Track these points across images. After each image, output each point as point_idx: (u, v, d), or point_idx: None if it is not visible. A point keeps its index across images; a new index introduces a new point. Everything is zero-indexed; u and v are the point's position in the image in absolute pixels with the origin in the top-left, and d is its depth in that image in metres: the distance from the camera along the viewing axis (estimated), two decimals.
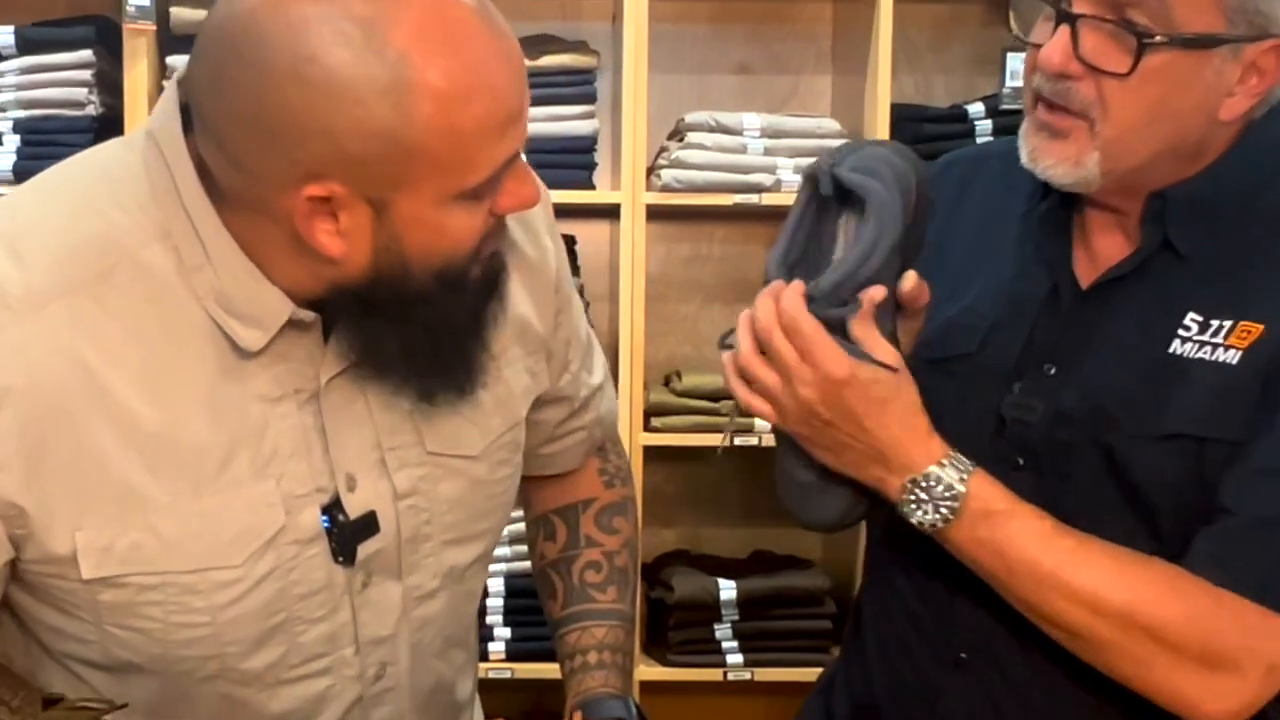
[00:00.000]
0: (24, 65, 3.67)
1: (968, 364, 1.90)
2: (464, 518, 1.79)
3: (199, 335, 1.55)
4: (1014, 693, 1.84)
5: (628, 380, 3.71)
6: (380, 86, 1.39)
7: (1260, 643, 1.64)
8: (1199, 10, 1.63)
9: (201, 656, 1.63)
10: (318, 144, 1.41)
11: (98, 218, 1.54)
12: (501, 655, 3.75)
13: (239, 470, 1.58)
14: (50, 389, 1.49)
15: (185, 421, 1.55)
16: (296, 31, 1.38)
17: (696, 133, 3.75)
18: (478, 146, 1.46)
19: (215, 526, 1.57)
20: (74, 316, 1.49)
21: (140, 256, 1.52)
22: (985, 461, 1.77)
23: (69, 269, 1.51)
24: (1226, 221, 1.79)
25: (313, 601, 1.66)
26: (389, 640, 1.75)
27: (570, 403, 2.01)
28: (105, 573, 1.54)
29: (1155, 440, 1.72)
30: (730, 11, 4.13)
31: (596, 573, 2.03)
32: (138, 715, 1.69)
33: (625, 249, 3.69)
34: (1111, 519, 1.74)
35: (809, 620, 3.82)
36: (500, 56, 1.48)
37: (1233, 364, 1.69)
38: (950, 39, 4.15)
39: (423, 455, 1.72)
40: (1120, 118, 1.69)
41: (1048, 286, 1.87)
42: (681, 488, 4.13)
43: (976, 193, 2.04)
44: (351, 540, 1.66)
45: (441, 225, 1.51)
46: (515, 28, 3.70)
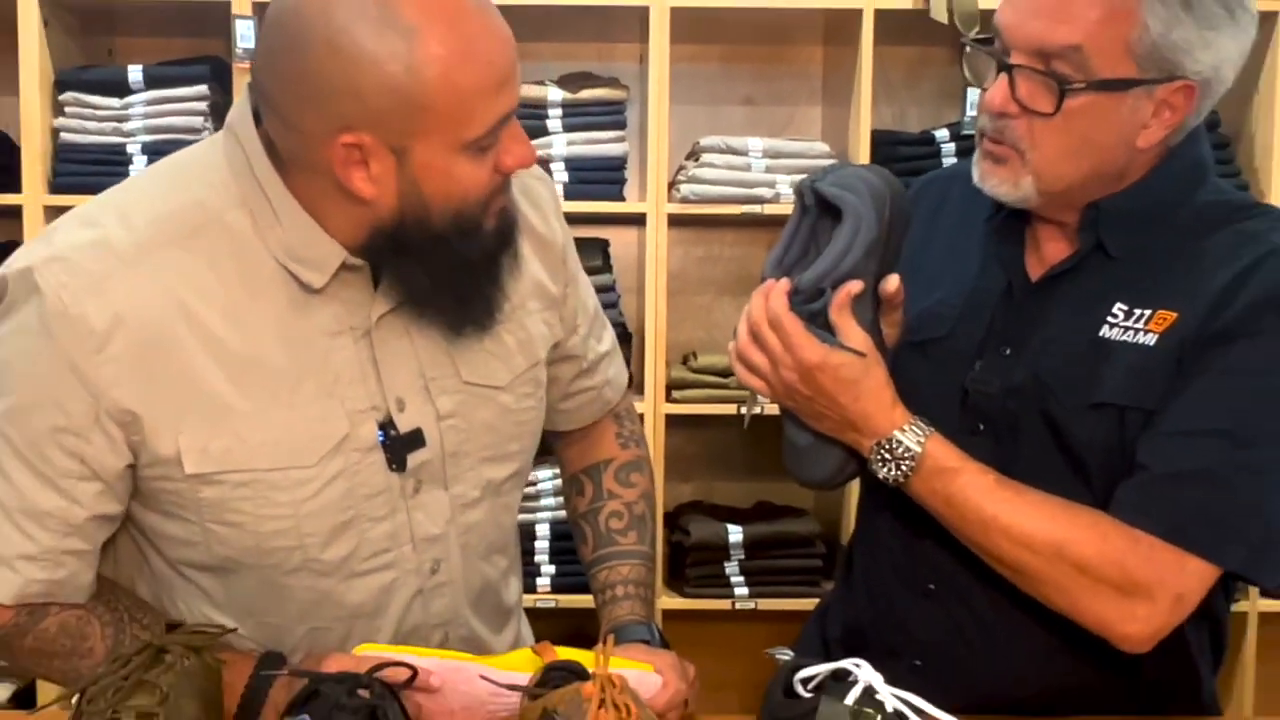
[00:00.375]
0: (150, 98, 3.64)
1: (940, 346, 1.95)
2: (497, 439, 1.88)
3: (272, 280, 1.68)
4: (973, 617, 1.90)
5: (652, 359, 3.69)
6: (395, 53, 1.51)
7: (1170, 576, 1.69)
8: (1113, 59, 1.70)
9: (287, 548, 1.73)
10: (347, 101, 1.53)
11: (188, 192, 1.69)
12: (548, 588, 3.75)
13: (308, 390, 1.70)
14: (153, 319, 1.61)
15: (263, 348, 1.68)
16: (328, 12, 1.52)
17: (709, 154, 3.71)
18: (475, 102, 1.58)
19: (290, 434, 1.69)
20: (171, 264, 1.63)
21: (224, 219, 1.66)
22: (952, 427, 1.85)
23: (166, 229, 1.65)
24: (1149, 228, 1.84)
25: (375, 501, 1.76)
26: (440, 539, 1.84)
27: (579, 361, 2.08)
28: (203, 469, 1.66)
29: (1086, 409, 1.79)
30: (737, 54, 4.11)
31: (619, 520, 2.09)
32: (241, 614, 1.80)
33: (650, 251, 3.66)
34: (1052, 474, 1.80)
35: (803, 559, 3.80)
36: (489, 31, 1.60)
37: (1150, 346, 1.76)
38: (920, 77, 4.12)
39: (459, 384, 1.82)
40: (1046, 149, 1.77)
41: (1004, 283, 1.93)
42: (697, 449, 4.10)
43: (949, 206, 2.08)
44: (402, 451, 1.76)
45: (452, 172, 1.61)
46: (561, 67, 3.65)
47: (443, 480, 1.83)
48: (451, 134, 1.58)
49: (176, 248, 1.64)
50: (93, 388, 1.60)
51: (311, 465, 1.71)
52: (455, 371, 1.82)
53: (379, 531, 1.78)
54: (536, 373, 1.94)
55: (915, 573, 1.95)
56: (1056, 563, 1.72)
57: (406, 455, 1.77)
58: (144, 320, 1.61)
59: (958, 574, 1.87)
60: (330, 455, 1.71)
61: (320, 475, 1.72)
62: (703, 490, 4.17)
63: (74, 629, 1.74)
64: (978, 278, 1.96)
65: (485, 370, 1.85)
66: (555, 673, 1.68)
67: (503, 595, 2.06)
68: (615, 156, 3.71)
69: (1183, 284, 1.79)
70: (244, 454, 1.67)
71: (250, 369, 1.67)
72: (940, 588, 1.92)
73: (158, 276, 1.63)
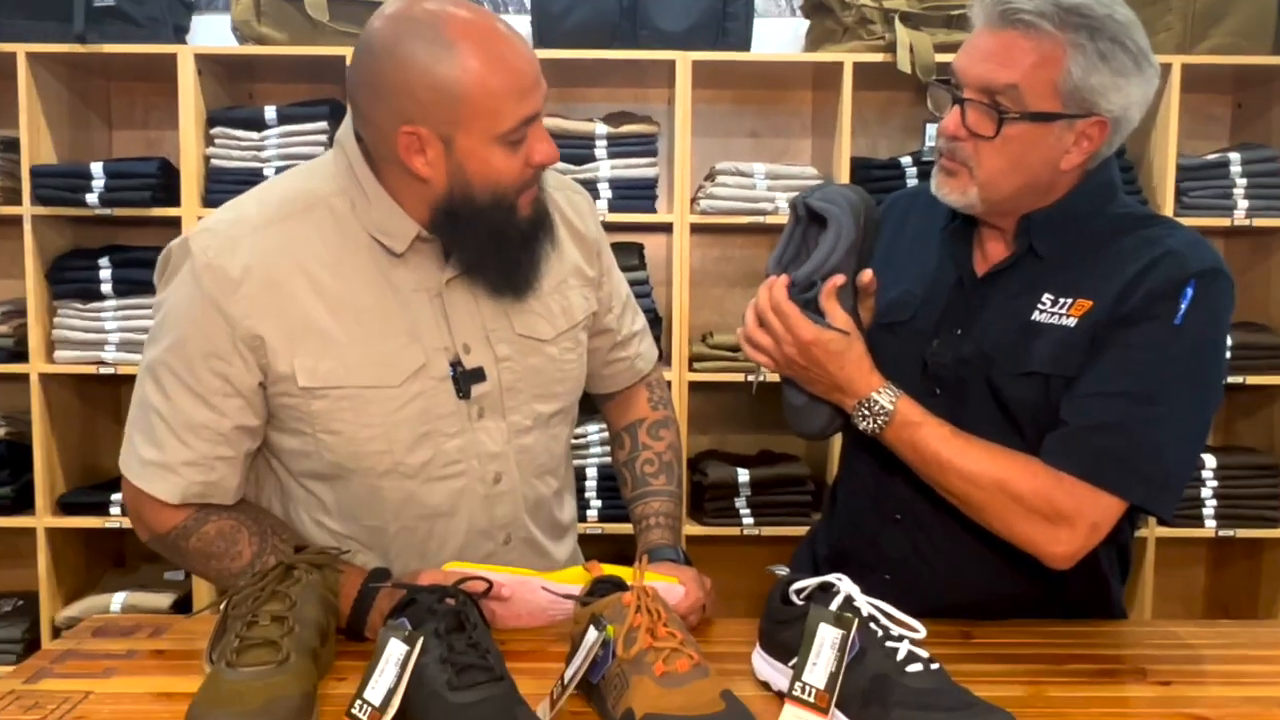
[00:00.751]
0: (281, 132, 3.64)
1: (905, 327, 1.98)
2: (543, 381, 1.96)
3: (365, 248, 1.81)
4: (930, 541, 1.95)
5: (678, 338, 3.68)
6: (439, 60, 1.65)
7: (1087, 507, 1.74)
8: (1043, 97, 1.75)
9: (379, 452, 1.83)
10: (406, 98, 1.67)
11: (305, 184, 1.85)
12: (596, 518, 3.74)
13: (393, 329, 1.81)
14: (274, 270, 1.76)
15: (358, 296, 1.80)
16: (394, 32, 1.67)
17: (723, 176, 3.69)
18: (504, 102, 1.68)
19: (380, 360, 1.80)
20: (288, 231, 1.79)
21: (329, 203, 1.81)
22: (915, 390, 1.88)
23: (286, 207, 1.81)
24: (1070, 234, 1.89)
25: (447, 420, 1.86)
26: (500, 456, 1.92)
27: (614, 335, 2.16)
28: (313, 384, 1.78)
29: (1019, 376, 1.85)
30: (745, 97, 4.07)
31: (651, 466, 2.17)
32: (347, 518, 1.91)
33: (676, 252, 3.65)
34: (993, 427, 1.85)
35: (796, 495, 3.79)
36: (515, 50, 1.70)
37: (1071, 327, 1.82)
38: (889, 115, 4.09)
39: (513, 336, 1.91)
40: (988, 166, 1.81)
41: (955, 277, 1.96)
42: (713, 408, 4.08)
43: (912, 217, 2.10)
44: (467, 382, 1.86)
45: (488, 160, 1.72)
46: (605, 107, 3.66)
47: (501, 410, 1.91)
48: (486, 127, 1.69)
49: (293, 220, 1.79)
50: (231, 320, 1.74)
51: (396, 385, 1.81)
52: (510, 326, 1.90)
53: (451, 445, 1.87)
54: (576, 333, 2.02)
55: (885, 505, 1.98)
56: (997, 495, 1.77)
57: (470, 386, 1.86)
58: (267, 270, 1.76)
59: (919, 506, 1.91)
60: (411, 379, 1.82)
61: (403, 394, 1.82)
62: (717, 441, 4.16)
63: (229, 534, 1.83)
64: (935, 272, 1.98)
65: (534, 327, 1.93)
66: (602, 585, 1.70)
67: (556, 512, 2.11)
68: (648, 178, 3.69)
69: (1097, 278, 1.83)
70: (344, 373, 1.79)
71: (348, 311, 1.79)
72: (905, 517, 1.96)
73: (278, 239, 1.78)
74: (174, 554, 1.89)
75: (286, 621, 1.52)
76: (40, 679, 1.66)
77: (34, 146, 3.54)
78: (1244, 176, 3.65)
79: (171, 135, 3.75)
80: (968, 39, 1.83)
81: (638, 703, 1.41)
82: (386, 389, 1.81)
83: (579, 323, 2.02)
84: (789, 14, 4.04)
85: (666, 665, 1.45)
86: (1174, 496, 1.79)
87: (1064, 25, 1.72)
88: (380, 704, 1.41)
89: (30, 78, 3.50)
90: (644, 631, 1.49)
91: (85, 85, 3.85)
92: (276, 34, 3.52)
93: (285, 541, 1.83)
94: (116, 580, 3.85)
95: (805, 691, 1.46)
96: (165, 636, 1.86)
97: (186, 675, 1.65)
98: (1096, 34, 1.74)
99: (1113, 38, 1.75)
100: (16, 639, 3.71)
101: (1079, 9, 1.73)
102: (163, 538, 1.87)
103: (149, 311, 3.54)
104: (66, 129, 3.72)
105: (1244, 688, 1.69)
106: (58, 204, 3.54)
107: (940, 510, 1.88)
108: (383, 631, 1.47)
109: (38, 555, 3.63)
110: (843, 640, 1.47)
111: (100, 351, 3.61)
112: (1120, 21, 1.76)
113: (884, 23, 3.55)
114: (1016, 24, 1.74)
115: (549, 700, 1.49)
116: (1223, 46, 3.58)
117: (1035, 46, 1.73)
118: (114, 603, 3.65)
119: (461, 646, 1.48)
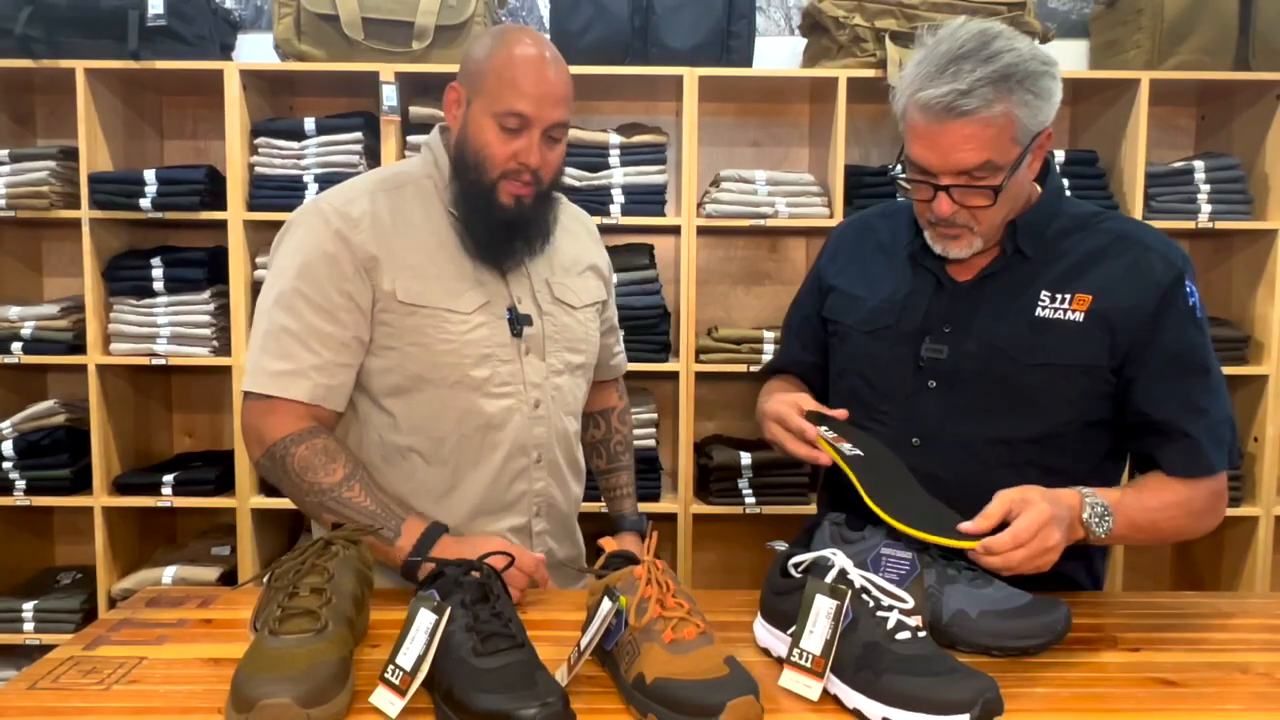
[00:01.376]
0: (320, 142, 3.63)
1: (890, 331, 2.02)
2: (573, 338, 2.20)
3: (445, 217, 2.10)
4: (946, 463, 1.93)
5: (686, 331, 3.66)
6: (486, 47, 2.01)
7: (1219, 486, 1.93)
8: (1010, 149, 1.79)
9: (451, 364, 2.03)
10: (463, 67, 2.05)
11: (401, 168, 2.17)
12: None
13: (467, 275, 2.07)
14: (380, 219, 2.04)
15: (441, 249, 2.07)
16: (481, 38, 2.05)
17: (727, 182, 3.66)
18: (509, 91, 1.96)
19: (456, 292, 2.05)
20: (389, 196, 2.08)
21: (418, 181, 2.12)
22: (909, 386, 1.96)
23: (385, 181, 2.11)
24: (1044, 234, 1.94)
25: (503, 349, 2.07)
26: (540, 386, 2.12)
27: (612, 332, 2.46)
28: (410, 300, 2.01)
29: (1034, 367, 1.88)
30: (747, 109, 4.06)
31: (621, 446, 2.54)
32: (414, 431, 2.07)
33: (684, 253, 3.62)
34: (995, 411, 1.91)
35: (794, 478, 3.74)
36: (543, 67, 1.98)
37: (1079, 320, 1.87)
38: (881, 126, 4.07)
39: (553, 299, 2.17)
40: (988, 221, 1.86)
41: (932, 282, 1.99)
42: (718, 396, 4.07)
43: (884, 233, 2.14)
44: (519, 324, 2.09)
45: (482, 129, 1.99)
46: (618, 119, 3.69)
47: (542, 351, 2.13)
48: (489, 101, 1.97)
49: (393, 190, 2.09)
50: (353, 247, 1.99)
51: (469, 312, 2.04)
52: (550, 291, 2.17)
53: (505, 369, 2.07)
54: (596, 307, 2.30)
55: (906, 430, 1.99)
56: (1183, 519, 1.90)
57: (522, 327, 2.09)
58: (376, 218, 2.03)
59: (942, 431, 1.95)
60: (478, 311, 2.05)
61: (473, 320, 2.04)
62: (722, 426, 4.14)
63: (330, 451, 1.97)
64: (910, 282, 2.01)
65: (567, 296, 2.20)
66: (615, 559, 1.70)
67: (575, 450, 2.27)
68: (658, 184, 3.67)
69: (1088, 273, 1.89)
70: (431, 296, 2.02)
71: (433, 255, 2.05)
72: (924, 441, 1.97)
73: (383, 200, 2.06)
74: (278, 468, 1.98)
75: (325, 593, 1.53)
76: (98, 645, 1.67)
77: (92, 155, 3.54)
78: (1207, 183, 3.65)
79: (218, 145, 3.76)
80: (915, 127, 1.81)
81: (648, 668, 1.42)
82: (461, 314, 2.03)
83: (595, 303, 2.29)
84: (788, 33, 4.03)
85: (675, 633, 1.46)
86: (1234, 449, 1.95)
87: (1002, 91, 1.74)
88: (411, 669, 1.42)
89: (88, 92, 3.50)
90: (654, 602, 1.50)
91: (139, 99, 3.85)
92: (315, 51, 3.52)
93: (368, 479, 1.97)
94: (167, 555, 3.85)
95: (803, 657, 1.47)
96: (213, 607, 1.87)
97: (233, 643, 1.66)
98: (1027, 79, 1.76)
99: (1035, 73, 1.77)
100: (75, 609, 3.72)
101: (1006, 69, 1.74)
102: (273, 448, 1.97)
103: (198, 307, 3.59)
104: (121, 139, 3.72)
105: (1207, 653, 1.69)
106: (113, 208, 3.54)
107: (957, 439, 1.93)
108: (413, 602, 1.49)
109: (95, 532, 3.64)
110: (837, 610, 1.48)
111: (152, 344, 3.60)
112: (1035, 55, 1.78)
113: (875, 41, 3.53)
114: (964, 115, 1.74)
115: (567, 665, 1.50)
116: (1188, 63, 3.57)
117: (989, 122, 1.75)
118: (165, 576, 3.65)
119: (486, 616, 1.49)
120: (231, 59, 3.81)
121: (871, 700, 1.41)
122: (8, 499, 3.68)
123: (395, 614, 1.65)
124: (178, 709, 1.45)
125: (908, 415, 1.98)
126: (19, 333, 3.64)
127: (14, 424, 3.69)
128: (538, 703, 1.32)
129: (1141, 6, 3.58)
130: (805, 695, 1.46)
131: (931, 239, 1.92)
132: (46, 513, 4.15)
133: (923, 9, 3.54)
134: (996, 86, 1.73)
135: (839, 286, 2.14)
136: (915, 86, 1.78)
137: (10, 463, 3.68)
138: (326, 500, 1.92)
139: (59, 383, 4.06)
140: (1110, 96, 3.71)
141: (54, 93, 3.92)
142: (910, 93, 1.79)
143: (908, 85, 1.80)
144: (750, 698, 1.36)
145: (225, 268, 3.60)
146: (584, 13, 3.57)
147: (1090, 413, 1.92)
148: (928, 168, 1.81)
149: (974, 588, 1.68)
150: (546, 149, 2.00)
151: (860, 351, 2.04)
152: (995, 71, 1.73)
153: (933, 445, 1.95)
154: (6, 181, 3.55)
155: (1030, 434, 1.91)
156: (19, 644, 3.70)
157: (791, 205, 3.63)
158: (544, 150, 1.99)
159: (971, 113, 1.73)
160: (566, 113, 2.01)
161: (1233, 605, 1.97)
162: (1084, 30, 4.00)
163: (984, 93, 1.72)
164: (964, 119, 1.74)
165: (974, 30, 1.78)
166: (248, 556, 3.67)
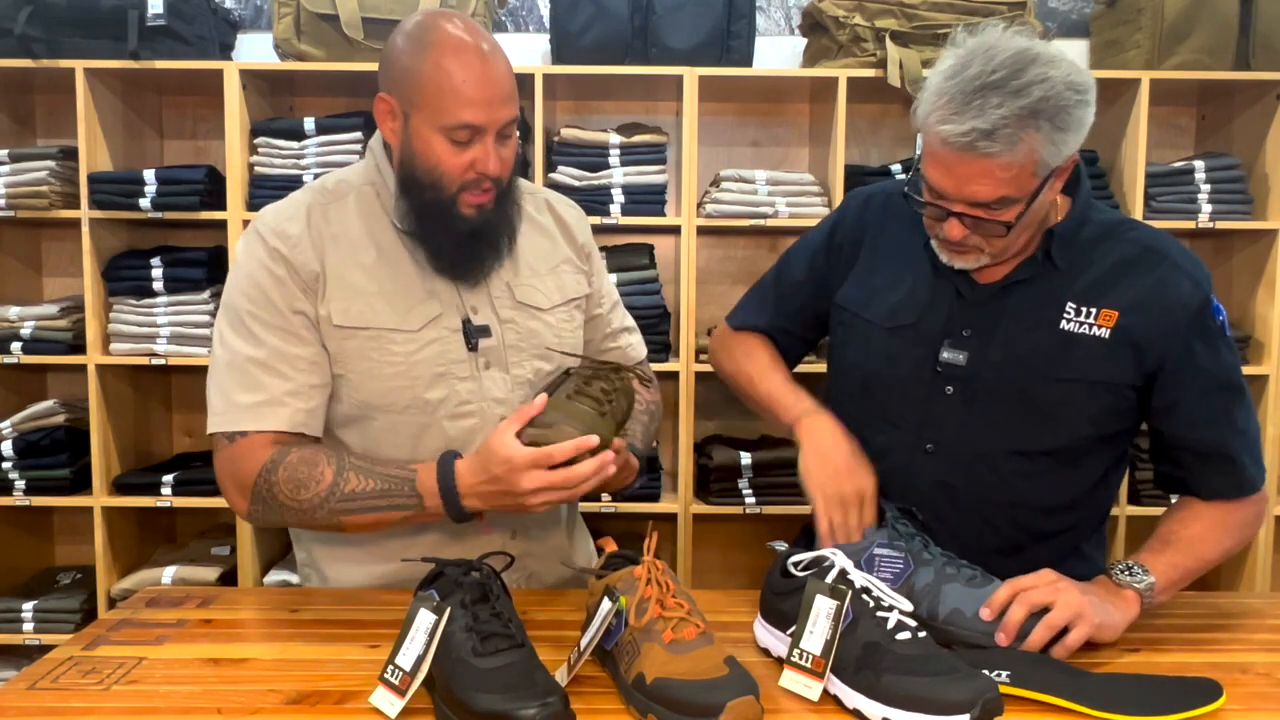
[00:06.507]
0: (319, 142, 3.63)
1: (911, 330, 1.96)
2: (543, 343, 2.02)
3: (386, 225, 1.94)
4: (959, 471, 1.93)
5: (686, 331, 3.67)
6: (413, 52, 1.82)
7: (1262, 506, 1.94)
8: (1029, 183, 1.73)
9: (401, 388, 1.90)
10: (386, 72, 1.88)
11: (341, 176, 2.01)
12: (609, 498, 3.56)
13: (413, 287, 1.93)
14: (321, 232, 1.91)
15: (384, 262, 1.92)
16: (399, 30, 1.87)
17: (727, 182, 3.66)
18: (451, 100, 1.78)
19: (402, 308, 1.90)
20: (329, 208, 1.94)
21: (359, 190, 1.97)
22: (926, 390, 1.93)
23: (327, 193, 1.97)
24: (1074, 243, 1.88)
25: (459, 365, 1.93)
26: (505, 402, 1.97)
27: (605, 325, 2.23)
28: (346, 323, 1.88)
29: (1058, 381, 1.84)
30: (747, 109, 4.06)
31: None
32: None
33: (684, 253, 3.62)
34: (1012, 422, 1.88)
35: (795, 477, 3.58)
36: (482, 66, 1.80)
37: (1105, 337, 1.83)
38: (880, 125, 4.06)
39: (514, 303, 2.00)
40: (999, 246, 1.82)
41: (953, 286, 1.93)
42: (718, 396, 4.02)
43: (890, 218, 2.06)
44: (474, 336, 1.94)
45: (430, 145, 1.82)
46: (619, 119, 3.66)
47: (504, 364, 1.97)
48: (432, 116, 1.80)
49: (332, 201, 1.95)
50: (295, 266, 1.87)
51: (416, 330, 1.90)
52: (511, 295, 2.00)
53: (463, 387, 1.93)
54: (572, 309, 2.11)
55: (920, 437, 1.96)
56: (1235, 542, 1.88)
57: (478, 340, 1.94)
58: (315, 232, 1.91)
59: (955, 440, 1.92)
60: (428, 326, 1.91)
61: (421, 338, 1.90)
62: (723, 426, 4.13)
63: (310, 459, 1.82)
64: (930, 279, 1.95)
65: (532, 298, 2.02)
66: (615, 559, 1.70)
67: None
68: (658, 184, 3.67)
69: (1114, 288, 1.84)
70: (371, 316, 1.88)
71: (376, 272, 1.91)
72: (937, 448, 1.94)
73: (321, 213, 1.93)
74: (269, 501, 1.82)
75: (608, 394, 1.80)
76: (98, 645, 1.67)
77: (91, 155, 3.54)
78: (1208, 183, 3.65)
79: (218, 144, 3.77)
80: (933, 151, 1.73)
81: (648, 668, 1.42)
82: (407, 332, 1.89)
83: (573, 299, 2.11)
84: (788, 33, 4.03)
85: (675, 633, 1.46)
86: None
87: (1028, 128, 1.65)
88: (410, 669, 1.43)
89: (88, 92, 3.50)
90: (654, 602, 1.50)
91: (138, 98, 3.85)
92: (315, 51, 3.52)
93: (356, 461, 1.83)
94: (167, 555, 3.86)
95: (803, 658, 1.48)
96: (212, 607, 1.87)
97: (233, 642, 1.66)
98: (1057, 114, 1.66)
99: (1065, 106, 1.67)
100: (75, 609, 3.72)
101: (1036, 106, 1.64)
102: (255, 490, 1.82)
103: (198, 307, 3.59)
104: (121, 139, 3.73)
105: (1207, 654, 1.69)
106: (113, 208, 3.54)
107: (969, 446, 1.91)
108: (413, 602, 1.49)
109: (94, 532, 3.64)
110: (837, 610, 1.48)
111: (152, 344, 3.60)
112: (1070, 84, 1.68)
113: (875, 41, 3.53)
114: (985, 152, 1.67)
115: (567, 665, 1.51)
116: (1188, 63, 3.57)
117: (1010, 160, 1.67)
118: (165, 576, 3.65)
119: (485, 616, 1.49)
120: (231, 59, 3.80)
121: (872, 700, 1.41)
122: (7, 499, 3.68)
123: (395, 614, 1.64)
124: (177, 709, 1.45)
125: (923, 421, 1.94)
126: (19, 333, 3.64)
127: (14, 424, 3.69)
128: (537, 703, 1.33)
129: (1142, 6, 3.59)
130: (805, 695, 1.47)
131: (938, 249, 1.88)
132: (46, 513, 4.15)
133: (923, 9, 3.54)
134: (1022, 124, 1.64)
135: (856, 272, 2.08)
136: (938, 116, 1.68)
137: (10, 463, 3.68)
138: (334, 506, 1.79)
139: (59, 383, 4.07)
140: (1110, 96, 3.71)
141: (54, 92, 3.92)
142: (933, 120, 1.69)
143: (931, 106, 1.70)
144: (750, 698, 1.36)
145: (225, 268, 3.59)
146: (584, 12, 3.57)
147: (1107, 427, 1.89)
148: (942, 192, 1.75)
149: (971, 587, 1.68)
150: (501, 148, 1.84)
151: (876, 348, 1.98)
152: (1024, 107, 1.63)
153: (947, 453, 1.93)
154: (6, 181, 3.56)
155: (1047, 446, 1.88)
156: (19, 644, 3.70)
157: (791, 205, 3.63)
158: (498, 151, 1.84)
159: (993, 156, 1.66)
160: (516, 106, 1.85)
161: (1233, 605, 1.98)
162: (1084, 30, 4.00)
163: (1008, 134, 1.64)
164: (985, 158, 1.67)
165: (1009, 54, 1.66)
166: (247, 557, 3.67)
